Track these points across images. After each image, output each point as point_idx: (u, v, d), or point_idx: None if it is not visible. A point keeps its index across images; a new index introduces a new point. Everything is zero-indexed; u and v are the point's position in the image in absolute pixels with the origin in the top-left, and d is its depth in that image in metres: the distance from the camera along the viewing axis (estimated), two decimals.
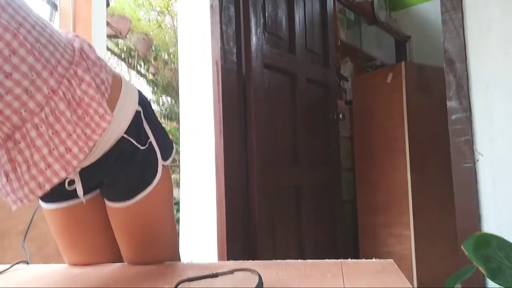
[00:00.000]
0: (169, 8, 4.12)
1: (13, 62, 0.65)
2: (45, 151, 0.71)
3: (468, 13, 1.39)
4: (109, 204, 0.87)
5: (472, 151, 1.36)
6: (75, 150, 0.73)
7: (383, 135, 2.33)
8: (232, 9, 1.79)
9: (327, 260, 0.83)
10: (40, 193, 0.73)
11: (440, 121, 1.83)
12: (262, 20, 1.89)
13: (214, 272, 0.73)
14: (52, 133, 0.71)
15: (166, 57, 4.17)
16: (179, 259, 0.96)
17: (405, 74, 2.27)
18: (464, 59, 1.39)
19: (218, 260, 1.65)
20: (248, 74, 1.80)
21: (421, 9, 3.72)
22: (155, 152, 0.85)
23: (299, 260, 0.84)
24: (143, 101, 0.86)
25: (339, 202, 2.35)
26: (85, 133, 0.74)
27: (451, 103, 1.40)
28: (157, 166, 0.85)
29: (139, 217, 0.86)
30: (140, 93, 0.87)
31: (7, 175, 0.72)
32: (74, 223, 0.89)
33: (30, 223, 1.00)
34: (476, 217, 1.34)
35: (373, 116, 2.38)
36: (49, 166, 0.72)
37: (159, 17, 4.12)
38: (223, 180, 1.65)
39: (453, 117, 1.39)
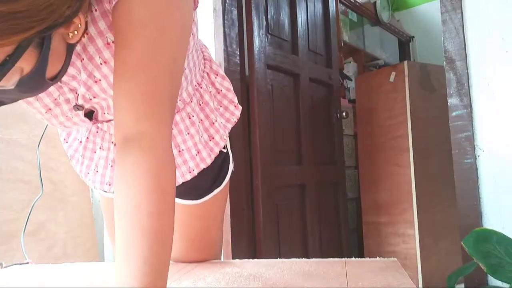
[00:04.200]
0: None
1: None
2: (196, 138, 0.77)
3: (468, 13, 1.40)
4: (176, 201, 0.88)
5: (473, 147, 1.37)
6: (216, 137, 0.79)
7: (386, 133, 2.34)
8: (235, 12, 1.82)
9: (331, 259, 0.85)
10: (189, 177, 0.80)
11: (442, 119, 1.84)
12: (264, 23, 1.92)
13: None
14: (199, 122, 0.77)
15: None
16: (220, 258, 0.97)
17: (408, 73, 2.28)
18: (464, 57, 1.40)
19: (223, 259, 1.67)
20: (251, 75, 1.82)
21: (423, 10, 3.73)
22: (229, 156, 0.89)
23: (303, 258, 0.85)
24: None
25: (344, 200, 2.37)
26: (222, 122, 0.80)
27: (452, 100, 1.42)
28: (228, 170, 0.89)
29: (199, 219, 0.88)
30: None
31: None
32: None
33: (28, 218, 1.01)
34: (477, 213, 1.35)
35: (376, 115, 2.40)
36: (198, 152, 0.78)
37: None
38: (229, 179, 1.68)
39: (454, 113, 1.41)
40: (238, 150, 1.75)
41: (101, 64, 0.59)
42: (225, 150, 0.86)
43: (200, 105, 0.77)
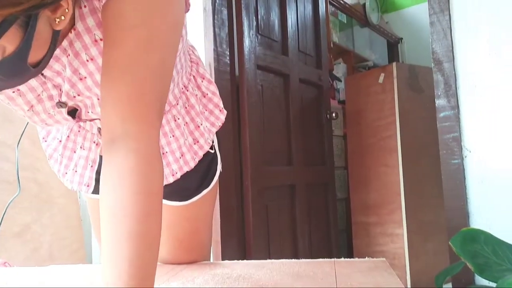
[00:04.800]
0: None
1: None
2: (181, 141, 0.76)
3: (455, 15, 1.42)
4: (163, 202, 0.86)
5: (460, 147, 1.39)
6: (201, 141, 0.79)
7: (375, 134, 2.36)
8: (225, 12, 1.82)
9: (320, 259, 0.85)
10: (172, 179, 0.78)
11: (430, 119, 1.86)
12: (255, 23, 1.92)
13: None
14: (184, 124, 0.76)
15: None
16: (209, 259, 0.97)
17: (397, 74, 2.30)
18: (452, 59, 1.42)
19: (213, 260, 1.66)
20: (241, 75, 1.82)
21: (412, 12, 3.77)
22: (217, 157, 0.88)
23: (293, 259, 0.86)
24: None
25: (333, 200, 2.38)
26: (207, 126, 0.80)
27: (440, 101, 1.43)
28: (216, 171, 0.88)
29: (187, 220, 0.87)
30: None
31: None
32: None
33: (2, 218, 0.99)
34: (464, 213, 1.37)
35: (366, 115, 2.41)
36: (182, 155, 0.77)
37: None
38: (217, 180, 1.67)
39: (442, 114, 1.43)
40: (228, 151, 1.75)
41: (87, 61, 0.58)
42: (212, 151, 0.85)
43: (186, 108, 0.77)
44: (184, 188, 0.84)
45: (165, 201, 0.84)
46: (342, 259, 0.84)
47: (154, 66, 0.53)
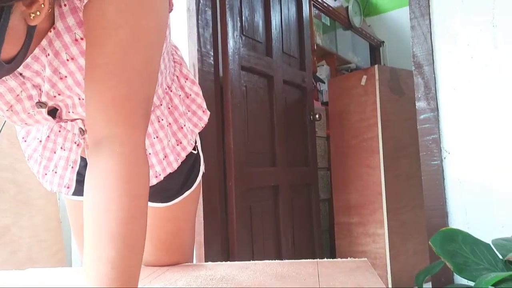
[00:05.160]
0: None
1: None
2: (165, 142, 0.75)
3: (435, 20, 1.45)
4: None
5: (439, 149, 1.42)
6: (184, 142, 0.78)
7: (357, 135, 2.39)
8: (209, 12, 1.81)
9: (303, 260, 0.85)
10: (155, 181, 0.77)
11: (411, 121, 1.90)
12: (239, 24, 1.92)
13: None
14: (168, 125, 0.75)
15: None
16: (192, 261, 0.96)
17: (378, 76, 2.34)
18: (432, 62, 1.45)
19: (196, 262, 1.66)
20: (225, 76, 1.82)
21: (393, 15, 3.84)
22: (200, 158, 0.87)
23: (276, 260, 0.86)
24: None
25: (317, 201, 2.40)
26: (189, 126, 0.79)
27: (420, 104, 1.46)
28: (199, 172, 0.87)
29: (169, 221, 0.86)
30: None
31: None
32: None
33: None
34: (443, 213, 1.40)
35: (348, 117, 2.45)
36: (165, 156, 0.76)
37: None
38: (200, 181, 1.66)
39: (422, 116, 1.46)
40: (212, 151, 1.74)
41: (67, 60, 0.57)
42: (195, 152, 0.85)
43: (169, 108, 0.76)
44: (166, 189, 0.83)
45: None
46: (325, 259, 0.85)
47: (139, 68, 0.53)
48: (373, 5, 3.95)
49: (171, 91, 0.76)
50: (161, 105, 0.74)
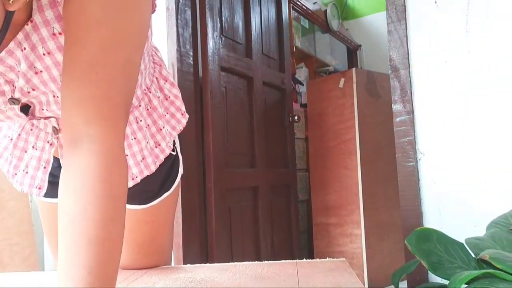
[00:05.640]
0: None
1: None
2: (143, 143, 0.74)
3: (411, 25, 1.49)
4: None
5: (414, 151, 1.45)
6: (163, 144, 0.77)
7: (335, 137, 2.42)
8: (189, 12, 1.80)
9: (283, 261, 0.86)
10: (132, 184, 0.75)
11: (387, 124, 1.94)
12: (219, 25, 1.91)
13: None
14: (146, 127, 0.74)
15: None
16: (170, 263, 0.94)
17: (356, 79, 2.38)
18: (408, 66, 1.49)
19: (174, 264, 1.63)
20: (204, 77, 1.81)
21: (370, 20, 3.92)
22: (179, 160, 0.86)
23: (256, 262, 0.86)
24: None
25: (295, 202, 2.41)
26: (167, 129, 0.78)
27: (396, 107, 1.50)
28: (178, 174, 0.85)
29: (147, 224, 0.84)
30: None
31: None
32: None
33: None
34: (418, 213, 1.43)
35: (326, 119, 2.48)
36: (143, 158, 0.75)
37: None
38: (179, 183, 1.65)
39: (398, 119, 1.49)
40: (191, 153, 1.73)
41: (44, 54, 0.55)
42: (174, 153, 0.84)
43: (148, 110, 0.75)
44: (144, 191, 0.81)
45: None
46: (304, 260, 0.86)
47: (120, 66, 0.52)
48: (351, 9, 4.02)
49: (150, 92, 0.75)
50: (139, 106, 0.73)
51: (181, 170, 0.87)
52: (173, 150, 0.83)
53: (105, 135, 0.49)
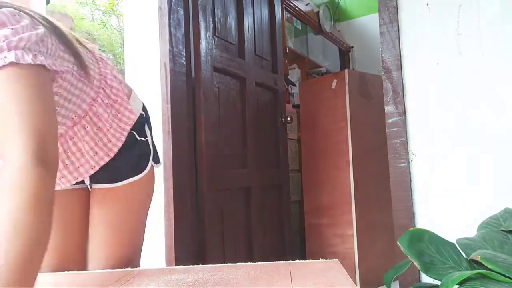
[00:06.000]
0: (114, 8, 3.99)
1: (61, 103, 0.84)
2: (92, 143, 0.91)
3: (403, 26, 1.50)
4: (97, 186, 0.97)
5: (406, 152, 1.46)
6: (113, 140, 0.93)
7: (328, 138, 2.43)
8: (181, 12, 1.79)
9: (276, 262, 0.86)
10: (92, 172, 0.94)
11: (379, 125, 1.95)
12: (211, 25, 1.90)
13: None
14: (96, 129, 0.91)
15: (112, 57, 4.03)
16: (139, 258, 1.03)
17: (348, 81, 2.39)
18: (400, 68, 1.50)
19: (166, 265, 1.62)
20: (197, 77, 1.80)
21: (362, 21, 3.95)
22: (150, 149, 1.02)
23: (249, 263, 0.86)
24: (145, 110, 1.05)
25: (288, 203, 2.41)
26: (120, 126, 0.94)
27: (388, 108, 1.50)
28: (149, 160, 1.00)
29: (119, 201, 0.97)
30: (143, 104, 1.06)
31: (63, 162, 0.90)
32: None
33: None
34: (410, 214, 1.44)
35: (319, 120, 2.48)
36: (96, 153, 0.92)
37: (103, 17, 3.97)
38: (172, 182, 1.64)
39: (390, 120, 1.50)
40: (183, 153, 1.72)
41: None
42: (144, 139, 0.98)
43: (98, 116, 0.90)
44: (115, 172, 0.95)
45: (99, 186, 0.97)
46: (297, 261, 0.86)
47: (38, 111, 0.66)
48: (343, 10, 4.04)
49: (96, 102, 0.90)
50: (86, 116, 0.89)
51: (151, 162, 1.00)
52: (144, 137, 0.99)
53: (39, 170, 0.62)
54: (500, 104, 1.35)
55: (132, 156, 0.97)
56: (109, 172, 0.96)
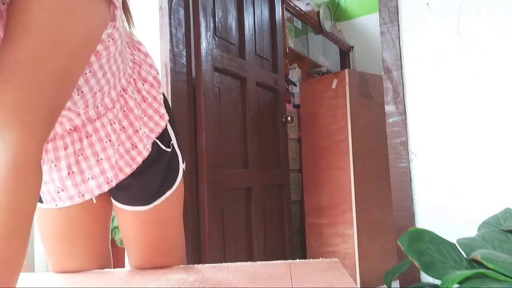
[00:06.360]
0: None
1: (101, 62, 0.63)
2: (116, 146, 0.72)
3: (404, 26, 1.50)
4: (123, 207, 0.82)
5: (407, 151, 1.46)
6: (140, 146, 0.75)
7: (328, 138, 2.43)
8: (182, 12, 1.79)
9: (276, 261, 0.86)
10: (107, 188, 0.74)
11: (379, 125, 1.95)
12: (212, 25, 1.91)
13: None
14: (120, 129, 0.73)
15: None
16: (185, 263, 0.94)
17: (348, 80, 2.39)
18: (400, 67, 1.50)
19: None
20: (197, 77, 1.80)
21: (363, 21, 3.94)
22: (177, 155, 0.85)
23: (249, 262, 0.86)
24: (167, 103, 0.84)
25: (288, 203, 2.41)
26: (144, 132, 0.76)
27: (389, 108, 1.51)
28: (179, 170, 0.84)
29: (155, 224, 0.83)
30: (163, 95, 0.85)
31: (69, 168, 0.71)
32: (72, 226, 0.82)
33: None
34: (410, 214, 1.44)
35: (319, 119, 2.48)
36: (117, 161, 0.73)
37: None
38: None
39: (390, 120, 1.50)
40: (184, 153, 1.71)
41: None
42: (169, 150, 0.82)
43: (124, 111, 0.73)
44: (144, 192, 0.80)
45: (127, 207, 0.82)
46: (297, 260, 0.86)
47: (53, 74, 0.49)
48: (343, 10, 4.04)
49: (126, 93, 0.73)
50: (114, 108, 0.71)
51: (182, 166, 0.86)
52: (168, 147, 0.82)
53: (21, 143, 0.47)
54: (500, 104, 1.35)
55: (158, 173, 0.80)
56: (131, 192, 0.80)
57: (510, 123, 1.33)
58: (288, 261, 0.86)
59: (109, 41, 0.60)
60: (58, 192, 0.74)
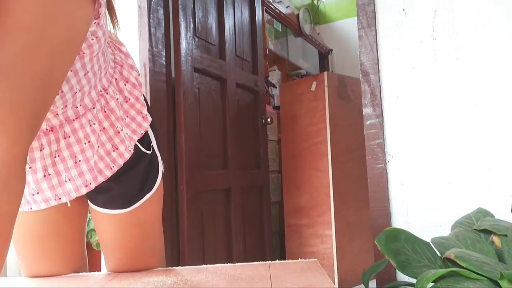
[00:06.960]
0: None
1: (83, 61, 0.61)
2: (95, 148, 0.70)
3: (381, 31, 1.54)
4: (101, 210, 0.79)
5: (383, 153, 1.49)
6: (121, 148, 0.73)
7: (307, 139, 2.46)
8: (161, 11, 1.77)
9: (255, 262, 0.86)
10: (85, 191, 0.72)
11: (357, 126, 1.98)
12: (192, 25, 1.89)
13: None
14: (100, 130, 0.70)
15: None
16: (165, 265, 0.92)
17: (327, 83, 2.42)
18: (377, 71, 1.53)
19: None
20: (177, 77, 1.78)
21: (342, 25, 4.01)
22: (157, 158, 0.83)
23: (228, 264, 0.86)
24: (147, 104, 0.82)
25: (268, 203, 2.42)
26: (127, 133, 0.74)
27: (366, 110, 1.53)
28: (158, 172, 0.82)
29: (135, 227, 0.81)
30: (143, 96, 0.83)
31: (45, 170, 0.69)
32: (46, 229, 0.80)
33: None
34: (387, 214, 1.47)
35: (299, 121, 2.50)
36: (95, 164, 0.71)
37: None
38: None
39: (368, 122, 1.53)
40: (163, 154, 1.69)
41: None
42: (149, 152, 0.81)
43: (105, 112, 0.71)
44: (122, 194, 0.78)
45: (105, 210, 0.80)
46: (277, 261, 0.86)
47: (36, 77, 0.48)
48: (323, 14, 4.09)
49: (107, 93, 0.71)
50: (94, 108, 0.69)
51: (161, 169, 0.85)
52: (148, 149, 0.81)
53: (4, 147, 0.46)
54: (472, 107, 1.39)
55: (137, 175, 0.78)
56: (110, 195, 0.78)
57: (483, 125, 1.38)
58: (267, 262, 0.86)
59: (92, 39, 0.59)
60: (33, 195, 0.71)
